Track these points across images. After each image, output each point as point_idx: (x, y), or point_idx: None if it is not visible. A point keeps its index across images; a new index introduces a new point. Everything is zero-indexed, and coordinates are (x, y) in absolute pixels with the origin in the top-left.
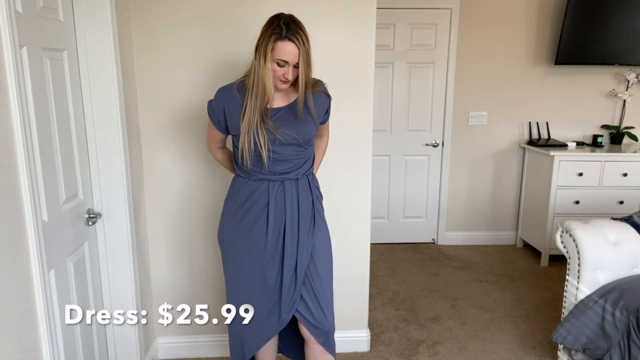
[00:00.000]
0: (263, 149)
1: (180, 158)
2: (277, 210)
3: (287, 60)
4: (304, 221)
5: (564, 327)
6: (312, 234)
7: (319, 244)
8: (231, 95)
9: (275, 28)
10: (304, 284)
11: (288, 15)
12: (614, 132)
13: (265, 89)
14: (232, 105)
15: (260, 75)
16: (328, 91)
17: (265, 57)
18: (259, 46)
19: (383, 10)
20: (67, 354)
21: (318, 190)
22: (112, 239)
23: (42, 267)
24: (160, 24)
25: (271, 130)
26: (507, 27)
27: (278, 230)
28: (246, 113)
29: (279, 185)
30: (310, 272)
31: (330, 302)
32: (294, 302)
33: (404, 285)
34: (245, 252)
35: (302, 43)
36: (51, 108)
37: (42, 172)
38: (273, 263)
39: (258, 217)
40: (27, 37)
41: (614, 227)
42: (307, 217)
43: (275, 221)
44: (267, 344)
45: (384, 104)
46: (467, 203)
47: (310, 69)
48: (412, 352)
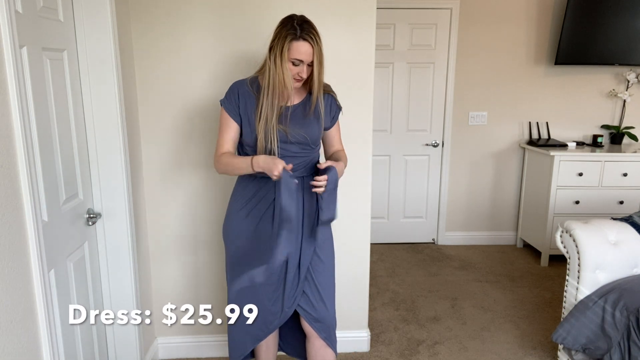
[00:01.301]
0: (274, 145)
1: (180, 157)
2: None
3: (302, 59)
4: (308, 218)
5: (563, 327)
6: (315, 230)
7: (322, 240)
8: (245, 89)
9: (290, 29)
10: (306, 278)
11: (300, 16)
12: (614, 132)
13: (285, 87)
14: (247, 98)
15: (278, 75)
16: (338, 101)
17: (282, 57)
18: (273, 47)
19: (383, 10)
20: (67, 354)
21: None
22: (112, 239)
23: (42, 267)
24: (161, 24)
25: (282, 130)
26: (507, 27)
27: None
28: (262, 112)
29: None
30: (313, 267)
31: (332, 296)
32: (296, 297)
33: (404, 285)
34: (250, 246)
35: (316, 42)
36: (51, 108)
37: (42, 172)
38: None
39: (263, 214)
40: (27, 37)
41: (614, 227)
42: (311, 213)
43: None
44: (268, 341)
45: (384, 104)
46: (467, 203)
47: (323, 67)
48: (412, 352)
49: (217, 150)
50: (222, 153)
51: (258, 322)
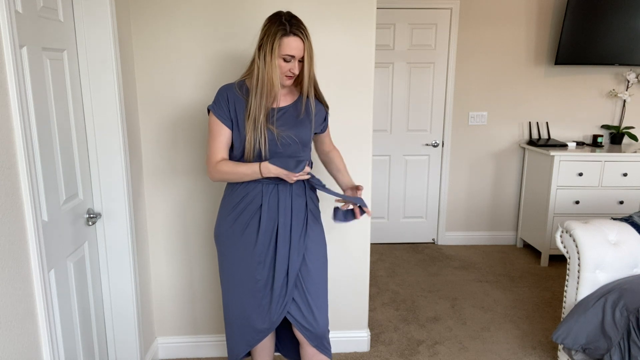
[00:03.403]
0: (263, 149)
1: (180, 157)
2: (270, 212)
3: (293, 55)
4: (296, 224)
5: (564, 327)
6: (304, 237)
7: (312, 246)
8: (234, 92)
9: (279, 25)
10: (295, 286)
11: (287, 12)
12: (614, 132)
13: (273, 85)
14: (236, 101)
15: (267, 73)
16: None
17: (272, 54)
18: (262, 45)
19: (383, 10)
20: (67, 354)
21: (314, 193)
22: (112, 239)
23: (42, 267)
24: (161, 24)
25: (272, 131)
26: (507, 27)
27: (270, 233)
28: (251, 112)
29: (272, 188)
30: (303, 274)
31: (324, 305)
32: (285, 305)
33: (404, 285)
34: (238, 252)
35: (306, 37)
36: (51, 108)
37: (42, 172)
38: (263, 265)
39: (250, 219)
40: (27, 37)
41: (614, 227)
42: (299, 219)
43: (268, 223)
44: (264, 344)
45: (384, 104)
46: (467, 203)
47: (313, 63)
48: (412, 352)
49: (210, 158)
50: (218, 161)
51: (248, 330)
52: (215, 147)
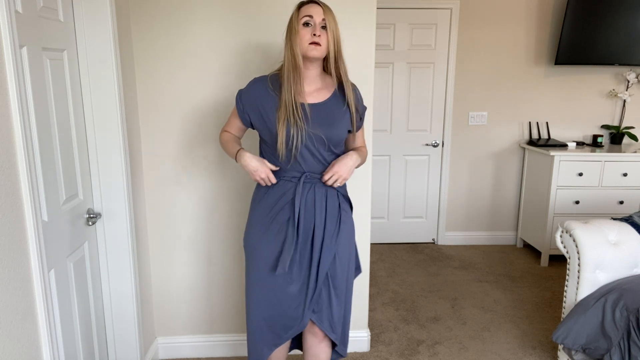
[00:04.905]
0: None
1: (180, 157)
2: (307, 212)
3: (311, 15)
4: (330, 225)
5: (564, 327)
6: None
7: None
8: (265, 86)
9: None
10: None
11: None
12: (614, 132)
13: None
14: (263, 97)
15: (291, 48)
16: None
17: (293, 26)
18: (287, 28)
19: (383, 10)
20: (67, 354)
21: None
22: (112, 239)
23: (42, 267)
24: (161, 24)
25: (304, 127)
26: (507, 27)
27: (306, 233)
28: (282, 98)
29: (309, 188)
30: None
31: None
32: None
33: (404, 285)
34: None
35: (326, 7)
36: (51, 108)
37: (42, 172)
38: (300, 265)
39: (288, 219)
40: (27, 37)
41: (614, 227)
42: (333, 220)
43: (305, 223)
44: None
45: (384, 104)
46: (467, 203)
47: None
48: (412, 352)
49: (225, 126)
50: (225, 131)
51: (277, 329)
52: (229, 124)
